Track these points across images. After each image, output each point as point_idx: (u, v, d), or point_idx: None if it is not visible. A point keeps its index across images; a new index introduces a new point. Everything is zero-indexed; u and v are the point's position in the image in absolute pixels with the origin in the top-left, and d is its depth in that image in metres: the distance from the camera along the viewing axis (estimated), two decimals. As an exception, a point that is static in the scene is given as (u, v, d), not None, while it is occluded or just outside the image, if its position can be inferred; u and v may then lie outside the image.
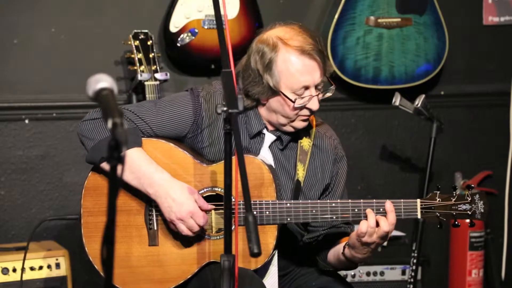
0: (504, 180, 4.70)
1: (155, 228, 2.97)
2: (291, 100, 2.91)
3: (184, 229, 2.88)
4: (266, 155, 3.05)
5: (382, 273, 4.21)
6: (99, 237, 2.86)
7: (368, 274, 4.18)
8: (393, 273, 4.24)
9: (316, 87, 2.95)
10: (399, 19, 4.34)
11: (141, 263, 2.96)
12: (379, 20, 4.31)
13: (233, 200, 2.66)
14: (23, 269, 3.60)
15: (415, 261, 4.16)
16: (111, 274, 1.88)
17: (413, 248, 4.20)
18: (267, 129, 3.05)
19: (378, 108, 4.58)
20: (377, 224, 2.84)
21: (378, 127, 4.62)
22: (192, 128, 3.01)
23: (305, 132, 3.09)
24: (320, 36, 3.02)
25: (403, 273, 4.24)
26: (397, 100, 4.16)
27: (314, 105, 2.95)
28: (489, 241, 4.55)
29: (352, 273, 4.18)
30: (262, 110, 3.02)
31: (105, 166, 2.92)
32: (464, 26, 4.65)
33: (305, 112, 2.97)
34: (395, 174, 4.64)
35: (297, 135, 3.08)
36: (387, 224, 2.84)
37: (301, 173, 3.06)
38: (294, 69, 2.91)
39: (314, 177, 3.09)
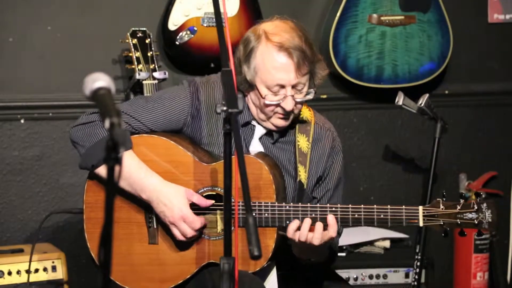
0: (509, 181, 4.69)
1: (155, 227, 2.96)
2: (261, 95, 2.88)
3: (177, 234, 2.89)
4: (257, 147, 3.03)
5: (385, 276, 4.18)
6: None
7: (370, 277, 4.15)
8: (396, 276, 4.20)
9: (294, 87, 2.89)
10: (402, 17, 4.33)
11: (142, 261, 2.97)
12: (382, 18, 4.30)
13: (233, 201, 2.62)
14: (28, 271, 3.62)
15: (418, 263, 4.15)
16: (109, 280, 1.84)
17: (417, 250, 4.17)
18: (257, 122, 3.03)
19: (381, 107, 4.57)
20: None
21: (381, 127, 4.60)
22: (187, 121, 2.99)
23: (301, 127, 3.06)
24: (311, 40, 2.96)
25: (407, 276, 4.20)
26: (400, 99, 4.14)
27: (287, 105, 2.90)
28: (494, 244, 4.53)
29: (355, 276, 4.15)
30: (249, 102, 3.01)
31: (99, 170, 2.92)
32: (469, 24, 4.63)
33: (279, 110, 2.92)
34: (398, 175, 4.63)
35: (290, 129, 3.05)
36: (318, 231, 2.79)
37: (303, 175, 3.02)
38: (270, 65, 2.88)
39: (314, 171, 3.07)
